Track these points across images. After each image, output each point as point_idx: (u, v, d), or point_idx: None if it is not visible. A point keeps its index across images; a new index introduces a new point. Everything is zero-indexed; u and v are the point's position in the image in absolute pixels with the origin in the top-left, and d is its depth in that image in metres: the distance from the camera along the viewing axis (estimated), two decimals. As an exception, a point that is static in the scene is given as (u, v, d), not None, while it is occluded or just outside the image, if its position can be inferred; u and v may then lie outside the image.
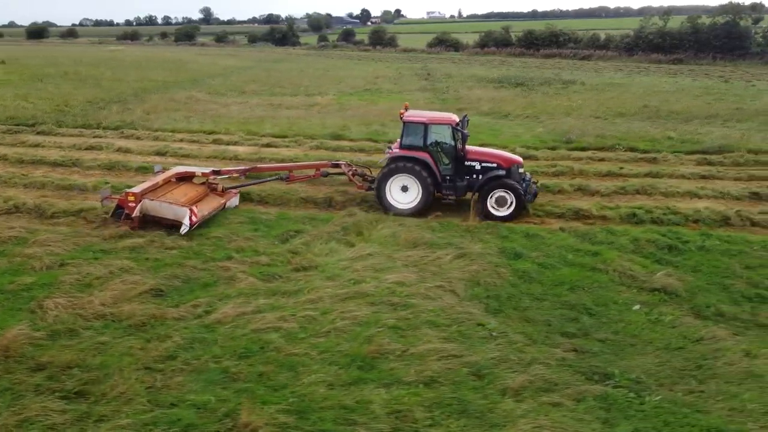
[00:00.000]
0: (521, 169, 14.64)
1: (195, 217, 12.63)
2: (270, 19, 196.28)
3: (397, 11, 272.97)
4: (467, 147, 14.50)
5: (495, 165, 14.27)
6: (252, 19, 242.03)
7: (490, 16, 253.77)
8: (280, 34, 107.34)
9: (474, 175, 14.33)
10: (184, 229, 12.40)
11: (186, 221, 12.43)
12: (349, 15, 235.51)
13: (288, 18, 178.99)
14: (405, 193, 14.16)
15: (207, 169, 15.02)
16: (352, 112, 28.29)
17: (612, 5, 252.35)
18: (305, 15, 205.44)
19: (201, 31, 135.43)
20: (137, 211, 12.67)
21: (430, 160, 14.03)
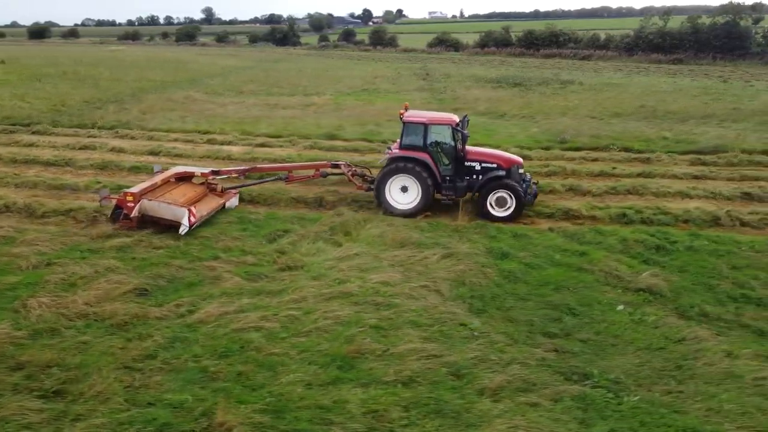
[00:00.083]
0: (521, 170, 14.60)
1: (194, 218, 12.60)
2: (272, 19, 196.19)
3: (399, 11, 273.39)
4: (467, 147, 14.45)
5: (495, 165, 14.22)
6: (254, 19, 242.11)
7: (492, 16, 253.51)
8: (280, 34, 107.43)
9: (474, 176, 14.28)
10: (183, 229, 12.36)
11: (185, 221, 12.39)
12: (350, 15, 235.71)
13: (289, 18, 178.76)
14: (405, 193, 14.10)
15: (206, 170, 14.98)
16: (348, 112, 28.29)
17: (614, 5, 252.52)
18: (307, 15, 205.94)
19: (202, 31, 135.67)
20: (136, 211, 12.63)
21: (429, 160, 13.99)
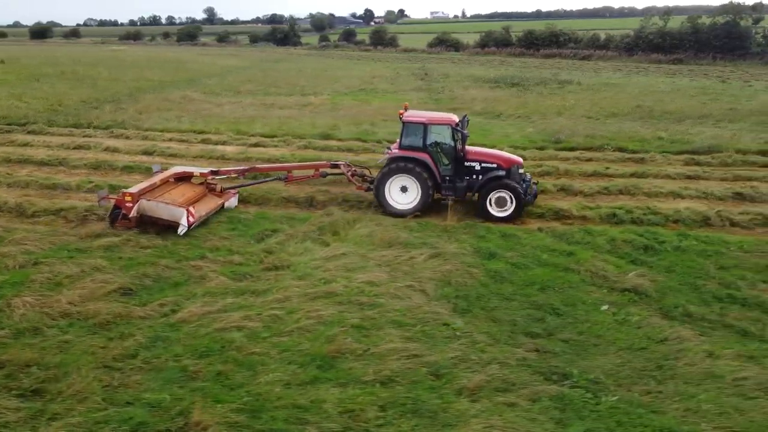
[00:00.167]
0: (521, 170, 14.56)
1: (192, 218, 12.58)
2: (274, 19, 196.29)
3: (401, 11, 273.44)
4: (467, 147, 14.42)
5: (495, 165, 14.18)
6: (256, 19, 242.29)
7: (493, 16, 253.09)
8: (281, 34, 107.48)
9: (474, 176, 14.23)
10: (181, 229, 12.34)
11: (183, 221, 12.37)
12: (352, 15, 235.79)
13: (290, 18, 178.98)
14: (404, 193, 14.06)
15: (205, 170, 14.96)
16: (344, 112, 28.30)
17: (616, 5, 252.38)
18: (308, 15, 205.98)
19: (203, 31, 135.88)
20: (134, 212, 12.59)
21: (429, 160, 13.96)
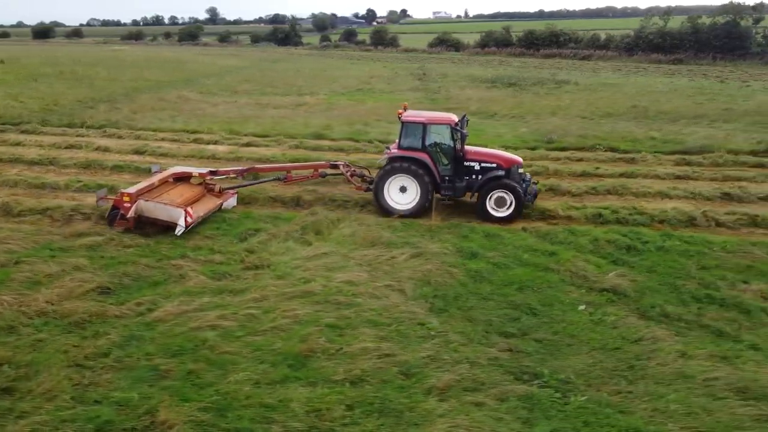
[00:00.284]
0: (521, 170, 14.52)
1: (190, 218, 12.57)
2: (276, 19, 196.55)
3: (403, 11, 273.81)
4: (466, 147, 14.38)
5: (494, 165, 14.13)
6: (258, 19, 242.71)
7: (496, 16, 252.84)
8: (282, 34, 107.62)
9: (473, 176, 14.19)
10: (179, 230, 12.34)
11: (181, 222, 12.36)
12: (354, 15, 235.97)
13: (291, 18, 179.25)
14: (403, 193, 14.02)
15: (204, 170, 14.98)
16: (339, 112, 28.31)
17: (619, 5, 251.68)
18: (311, 15, 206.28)
19: (205, 31, 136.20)
20: (132, 212, 12.58)
21: (428, 160, 13.92)
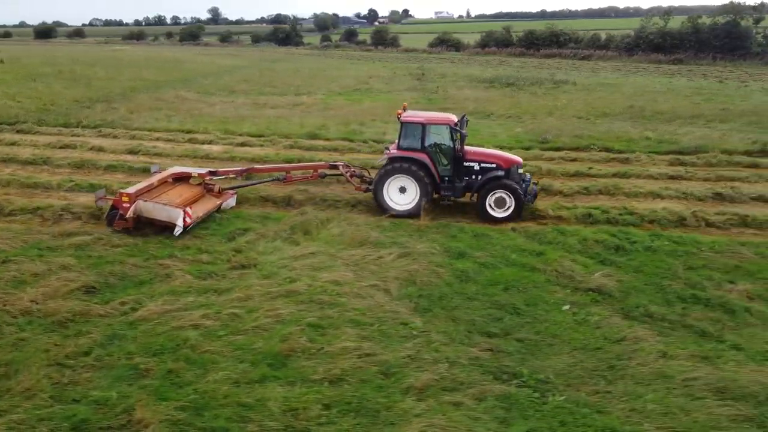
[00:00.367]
0: (521, 170, 14.50)
1: (189, 219, 12.57)
2: (278, 19, 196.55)
3: (405, 11, 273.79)
4: (466, 147, 14.34)
5: (494, 165, 14.09)
6: (260, 19, 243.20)
7: (498, 16, 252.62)
8: (283, 34, 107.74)
9: (473, 176, 14.15)
10: (178, 230, 12.34)
11: (179, 222, 12.36)
12: (356, 15, 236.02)
13: (292, 18, 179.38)
14: (403, 194, 14.00)
15: (203, 170, 14.98)
16: (335, 112, 28.32)
17: (621, 5, 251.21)
18: (312, 15, 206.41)
19: (206, 31, 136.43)
20: (131, 212, 12.58)
21: (428, 160, 13.90)
